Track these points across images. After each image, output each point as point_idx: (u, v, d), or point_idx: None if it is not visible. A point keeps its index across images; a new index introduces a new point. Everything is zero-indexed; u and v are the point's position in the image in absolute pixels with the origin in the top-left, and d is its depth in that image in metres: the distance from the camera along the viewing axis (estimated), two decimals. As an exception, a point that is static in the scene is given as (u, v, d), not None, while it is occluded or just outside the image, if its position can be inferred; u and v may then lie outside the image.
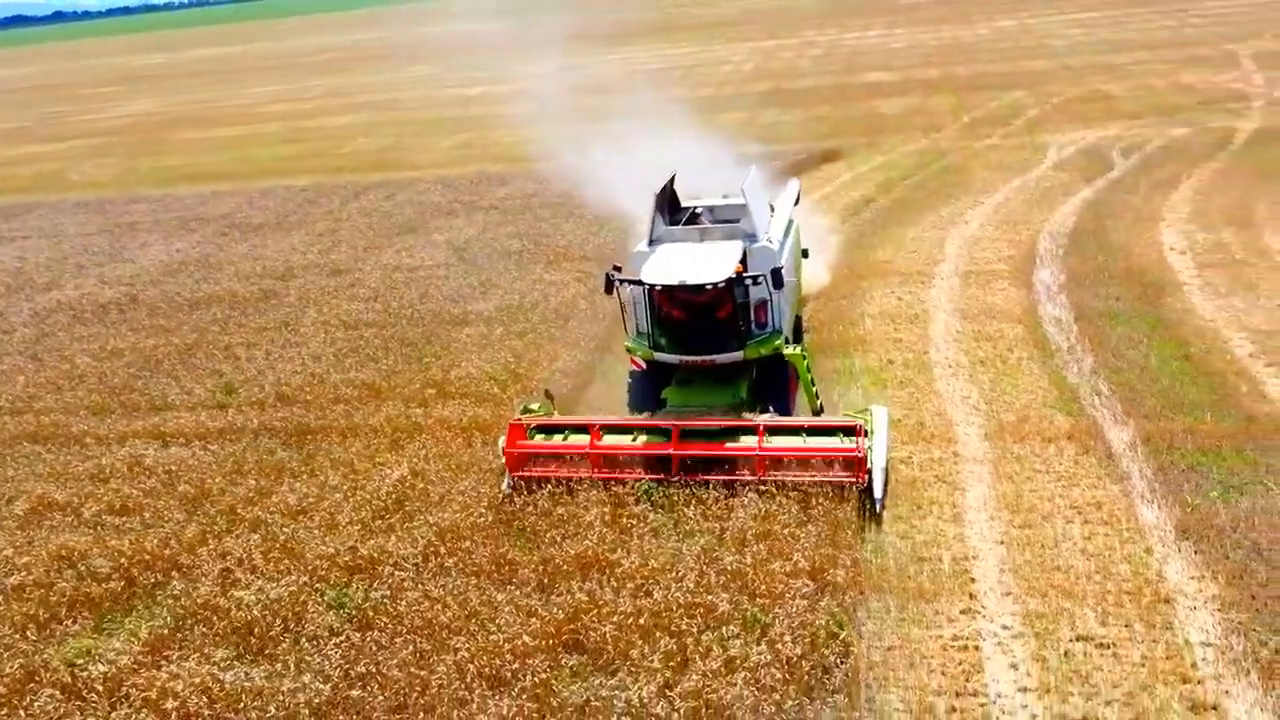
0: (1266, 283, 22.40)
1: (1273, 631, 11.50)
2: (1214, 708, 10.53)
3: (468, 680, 11.27)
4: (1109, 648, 11.58)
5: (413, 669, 11.52)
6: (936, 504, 14.86)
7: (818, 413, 16.52)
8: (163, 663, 12.25)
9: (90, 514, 16.19)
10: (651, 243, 16.62)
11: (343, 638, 12.31)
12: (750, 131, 46.28)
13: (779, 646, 11.29)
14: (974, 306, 22.85)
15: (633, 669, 11.28)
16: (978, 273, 25.07)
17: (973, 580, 13.03)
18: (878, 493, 14.31)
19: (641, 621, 11.97)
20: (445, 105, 69.73)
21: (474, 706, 10.87)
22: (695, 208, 18.87)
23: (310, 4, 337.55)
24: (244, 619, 12.84)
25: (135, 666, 12.20)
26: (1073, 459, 15.80)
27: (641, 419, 15.99)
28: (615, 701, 10.72)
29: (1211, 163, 33.39)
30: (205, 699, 11.44)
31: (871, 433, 14.83)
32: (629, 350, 17.02)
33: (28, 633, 13.13)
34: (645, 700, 10.68)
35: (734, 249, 15.95)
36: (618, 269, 16.09)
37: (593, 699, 10.86)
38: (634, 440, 15.52)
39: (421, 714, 10.85)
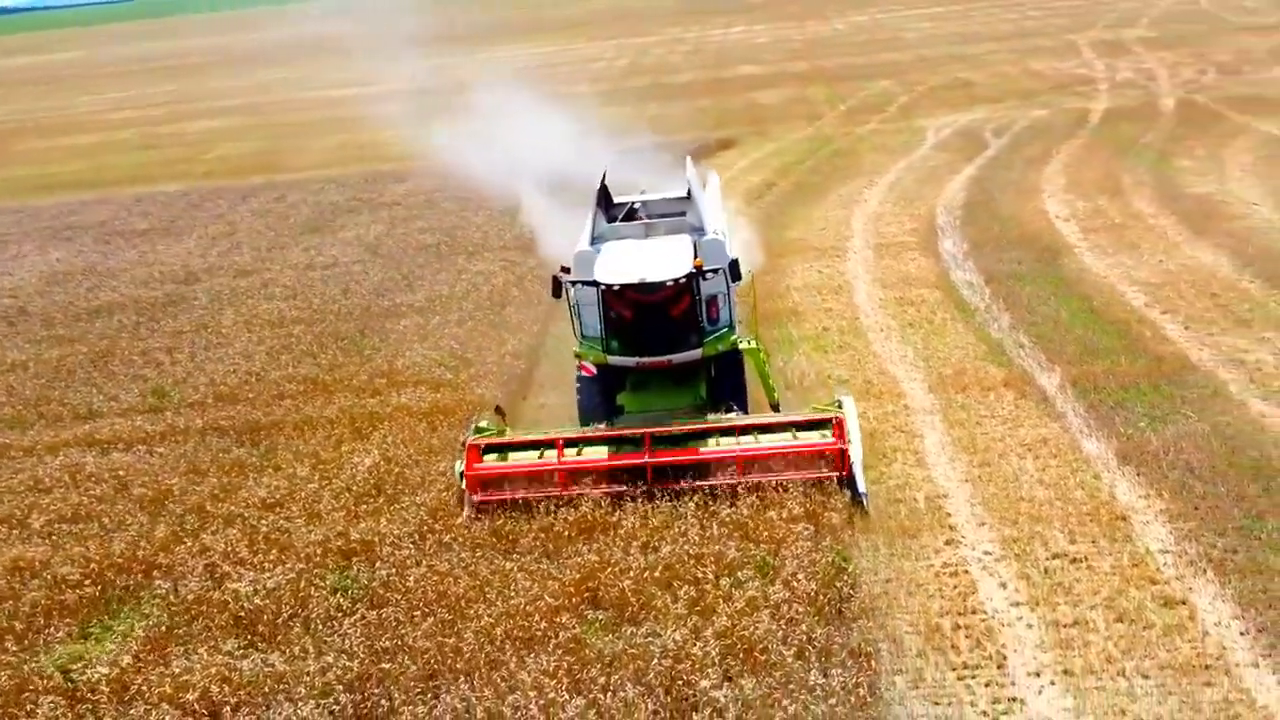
0: (1146, 242, 24.61)
1: (1218, 535, 12.86)
2: (1183, 602, 11.74)
3: (498, 643, 11.43)
4: (1082, 561, 12.72)
5: (440, 638, 11.56)
6: (899, 451, 15.83)
7: (775, 406, 16.20)
8: (170, 658, 11.86)
9: (40, 524, 15.39)
10: (594, 241, 15.68)
11: (357, 616, 12.23)
12: (638, 125, 47.10)
13: (794, 584, 11.91)
14: (891, 275, 24.20)
15: (659, 617, 11.68)
16: (887, 245, 26.51)
17: (948, 515, 14.01)
18: (861, 487, 14.05)
19: (656, 574, 12.38)
20: (312, 108, 67.92)
21: (511, 666, 11.03)
22: (633, 203, 18.01)
23: (133, 11, 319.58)
24: (245, 609, 12.57)
25: (139, 665, 11.77)
26: (1012, 403, 17.09)
27: (603, 429, 15.04)
28: (651, 647, 11.09)
29: (1074, 140, 36.18)
30: (226, 687, 11.16)
31: (848, 425, 14.39)
32: (578, 356, 15.79)
33: (7, 644, 12.45)
34: (680, 642, 11.10)
35: (684, 243, 15.33)
36: (566, 270, 15.13)
37: (628, 648, 11.20)
38: (608, 451, 14.59)
39: (461, 679, 10.94)
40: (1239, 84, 43.40)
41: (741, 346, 15.77)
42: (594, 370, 15.73)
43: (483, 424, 15.44)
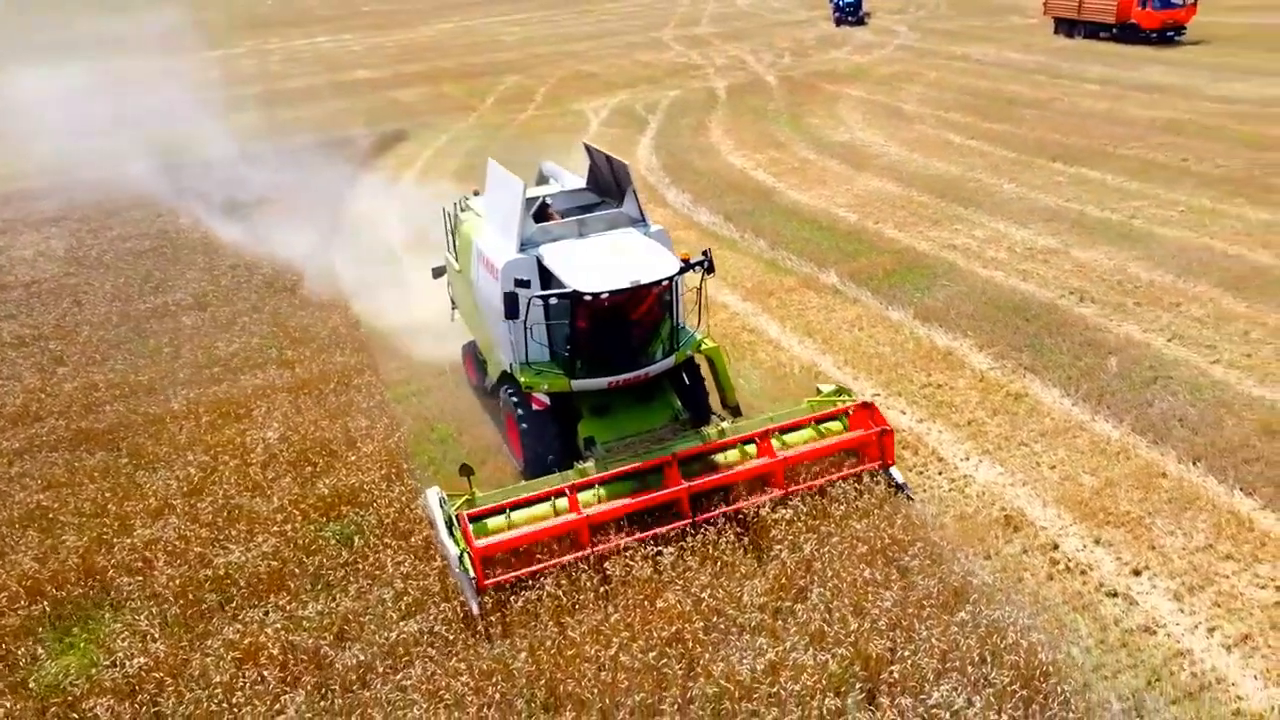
0: (826, 178, 29.72)
1: (1019, 351, 17.08)
2: (1026, 394, 15.65)
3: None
4: (945, 385, 16.24)
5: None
6: (754, 344, 18.43)
7: (735, 408, 14.73)
8: (210, 633, 11.00)
9: (-113, 572, 12.76)
10: (522, 247, 13.09)
11: (395, 548, 12.15)
12: (280, 126, 45.67)
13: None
14: (643, 224, 26.77)
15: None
16: (621, 202, 29.07)
17: (828, 377, 16.82)
18: (900, 476, 13.08)
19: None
20: None
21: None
22: (542, 199, 15.01)
23: None
24: (259, 573, 11.92)
25: (179, 647, 10.80)
26: (815, 296, 20.48)
27: (590, 468, 12.49)
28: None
29: (716, 111, 41.53)
30: (307, 636, 10.77)
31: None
32: (528, 388, 13.04)
33: (-28, 677, 10.65)
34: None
35: (640, 237, 13.38)
36: (524, 284, 12.65)
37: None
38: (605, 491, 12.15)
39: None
40: (812, 64, 52.18)
41: (706, 347, 14.17)
42: (547, 402, 13.23)
43: (444, 494, 12.09)
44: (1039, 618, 10.66)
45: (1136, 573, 11.50)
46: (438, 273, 17.38)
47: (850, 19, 66.42)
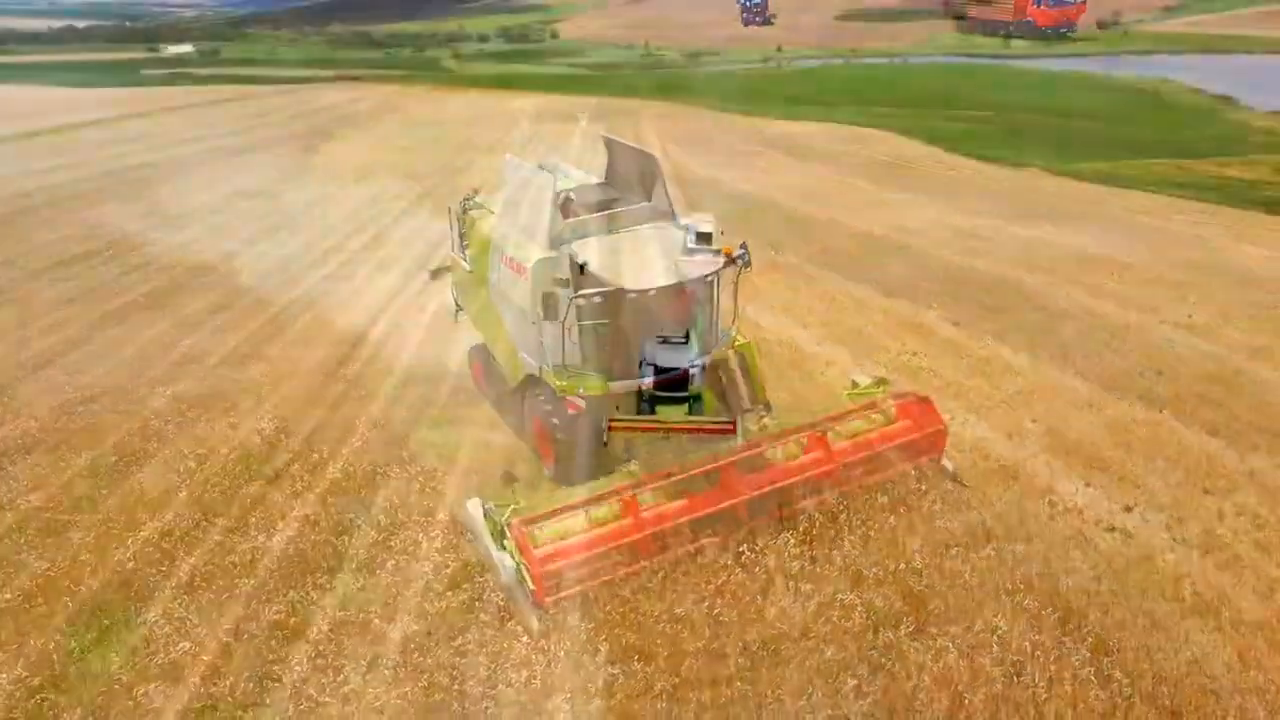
0: (768, 166, 30.69)
1: (986, 322, 18.15)
2: (996, 358, 16.58)
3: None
4: (920, 354, 17.11)
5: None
6: (745, 321, 18.94)
7: (766, 404, 13.95)
8: (257, 614, 10.93)
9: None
10: (552, 244, 12.43)
11: (425, 524, 12.26)
12: (202, 125, 44.51)
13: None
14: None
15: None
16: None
17: (812, 349, 17.53)
18: (951, 466, 12.98)
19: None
20: None
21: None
22: (567, 194, 14.14)
23: None
24: (288, 555, 11.88)
25: (220, 630, 10.70)
26: (784, 279, 21.24)
27: (634, 473, 11.79)
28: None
29: (646, 108, 42.18)
30: (354, 611, 10.79)
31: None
32: (562, 391, 12.50)
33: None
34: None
35: (673, 231, 12.81)
36: (564, 283, 11.91)
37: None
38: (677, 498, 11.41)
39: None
40: (729, 62, 53.35)
41: (739, 343, 13.79)
42: (583, 405, 12.59)
43: (489, 504, 11.49)
44: (1052, 552, 11.45)
45: (1128, 509, 12.41)
46: (436, 274, 16.84)
47: (758, 19, 68.19)
